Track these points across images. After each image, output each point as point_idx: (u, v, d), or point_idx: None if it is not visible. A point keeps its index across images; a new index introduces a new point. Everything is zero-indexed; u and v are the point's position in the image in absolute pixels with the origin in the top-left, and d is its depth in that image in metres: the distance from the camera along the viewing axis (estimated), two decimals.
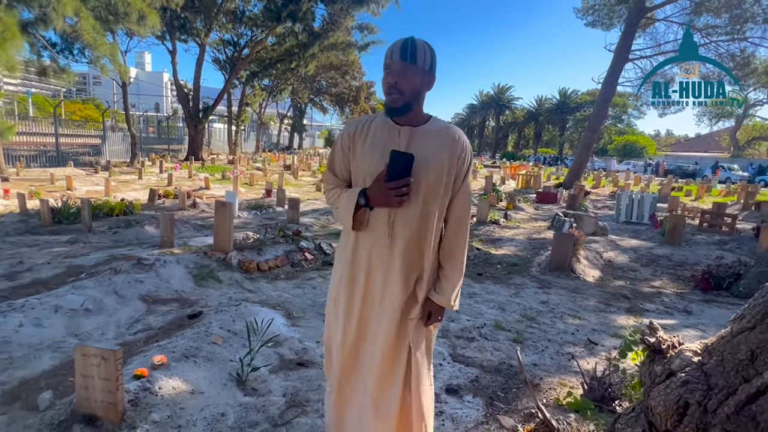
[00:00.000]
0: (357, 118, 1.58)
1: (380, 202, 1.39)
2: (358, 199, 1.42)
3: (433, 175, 1.40)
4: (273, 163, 26.02)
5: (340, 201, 1.49)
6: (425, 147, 1.41)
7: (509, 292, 4.71)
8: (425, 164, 1.39)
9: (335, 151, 1.55)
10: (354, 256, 1.50)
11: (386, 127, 1.45)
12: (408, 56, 1.34)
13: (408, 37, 1.36)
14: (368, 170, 1.43)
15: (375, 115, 1.52)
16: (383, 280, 1.46)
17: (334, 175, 1.58)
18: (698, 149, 48.03)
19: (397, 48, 1.35)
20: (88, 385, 2.01)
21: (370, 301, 1.49)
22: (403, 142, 1.42)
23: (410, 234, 1.42)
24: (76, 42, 13.01)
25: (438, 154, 1.41)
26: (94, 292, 3.43)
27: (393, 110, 1.40)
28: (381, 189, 1.37)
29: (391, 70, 1.36)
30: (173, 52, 23.32)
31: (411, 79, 1.35)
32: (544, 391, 2.61)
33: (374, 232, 1.45)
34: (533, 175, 19.23)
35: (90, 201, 6.83)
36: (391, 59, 1.36)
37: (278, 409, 2.30)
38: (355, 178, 1.51)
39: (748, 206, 13.31)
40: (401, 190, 1.34)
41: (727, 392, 1.26)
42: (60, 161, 17.79)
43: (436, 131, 1.45)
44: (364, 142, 1.46)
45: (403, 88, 1.35)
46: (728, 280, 5.14)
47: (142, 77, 52.52)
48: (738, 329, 1.31)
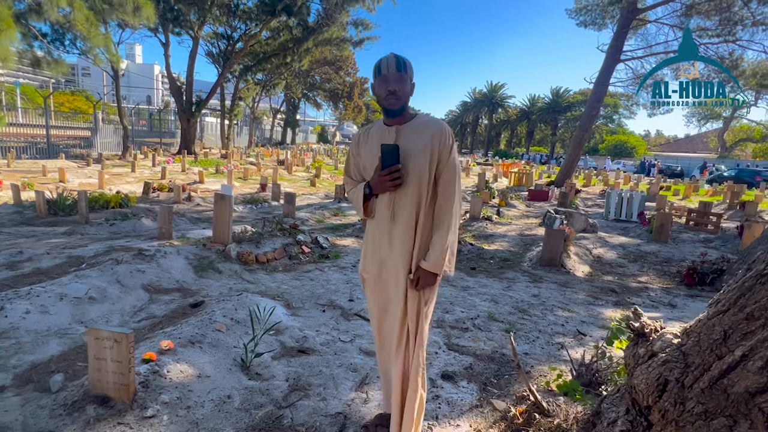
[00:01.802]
0: (361, 129, 1.93)
1: (380, 189, 1.72)
2: (364, 190, 1.76)
3: (419, 159, 1.69)
4: (266, 158, 25.94)
5: (354, 195, 1.84)
6: (409, 138, 1.72)
7: (502, 286, 4.84)
8: (411, 151, 1.69)
9: (348, 157, 1.94)
10: (371, 237, 1.85)
11: (380, 129, 1.79)
12: (402, 69, 1.67)
13: (392, 53, 1.69)
14: (369, 166, 1.78)
15: (373, 124, 1.86)
16: (390, 254, 1.77)
17: (350, 178, 1.93)
18: (687, 149, 48.80)
19: (392, 62, 1.67)
20: (100, 368, 2.10)
21: (386, 270, 1.80)
22: (392, 137, 1.74)
23: (407, 214, 1.72)
24: (69, 32, 12.89)
25: (420, 141, 1.70)
26: (98, 281, 3.50)
27: (392, 112, 1.72)
28: (378, 177, 1.70)
29: (389, 80, 1.67)
30: (166, 45, 23.06)
31: (405, 86, 1.69)
32: (535, 377, 2.74)
33: (380, 215, 1.78)
34: (525, 173, 19.45)
35: (86, 193, 6.84)
36: (387, 71, 1.67)
37: (282, 392, 2.40)
38: (363, 176, 1.87)
39: (733, 206, 13.64)
40: (393, 175, 1.66)
41: (702, 369, 1.38)
42: (51, 153, 17.59)
43: (418, 125, 1.75)
44: (365, 144, 1.82)
45: (400, 93, 1.68)
46: (712, 275, 5.32)
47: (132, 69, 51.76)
48: (713, 312, 1.44)
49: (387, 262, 1.78)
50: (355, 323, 3.49)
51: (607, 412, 1.80)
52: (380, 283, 1.83)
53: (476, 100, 55.63)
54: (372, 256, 1.84)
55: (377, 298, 1.86)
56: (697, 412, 1.34)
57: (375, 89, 1.73)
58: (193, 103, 24.04)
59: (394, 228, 1.74)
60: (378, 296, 1.86)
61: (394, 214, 1.74)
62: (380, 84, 1.69)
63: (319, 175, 17.43)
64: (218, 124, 34.45)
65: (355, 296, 4.09)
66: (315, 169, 18.53)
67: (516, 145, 59.42)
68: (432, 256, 1.70)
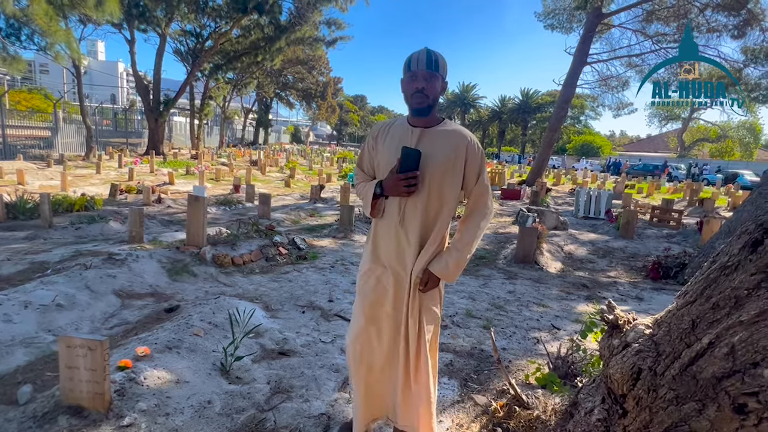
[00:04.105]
0: (381, 122, 1.81)
1: (392, 192, 1.62)
2: (375, 189, 1.66)
3: (439, 169, 1.61)
4: (239, 159, 25.45)
5: (363, 191, 1.74)
6: (433, 145, 1.62)
7: (478, 283, 4.93)
8: (432, 160, 1.60)
9: (363, 150, 1.82)
10: (375, 238, 1.75)
11: (402, 128, 1.68)
12: (433, 66, 1.56)
13: (426, 48, 1.58)
14: (385, 164, 1.68)
15: (395, 119, 1.76)
16: (396, 256, 1.69)
17: (362, 171, 1.83)
18: (649, 149, 50.93)
19: (422, 58, 1.56)
20: (73, 377, 2.02)
21: (386, 275, 1.72)
22: (414, 140, 1.63)
23: (418, 220, 1.64)
24: (26, 27, 12.25)
25: (444, 151, 1.61)
26: (65, 287, 3.35)
27: (419, 111, 1.61)
28: (393, 180, 1.59)
29: (418, 76, 1.57)
30: (131, 42, 22.27)
31: (434, 85, 1.59)
32: (513, 372, 2.81)
33: (389, 217, 1.69)
34: (498, 173, 19.83)
35: (49, 195, 6.53)
36: (417, 67, 1.57)
37: (264, 395, 2.38)
38: (376, 173, 1.77)
39: (693, 202, 14.34)
40: (409, 181, 1.56)
41: (672, 357, 1.46)
42: (7, 154, 16.70)
43: (444, 132, 1.65)
44: (384, 141, 1.71)
45: (428, 92, 1.58)
46: (675, 269, 5.59)
47: (95, 66, 49.72)
48: (682, 303, 1.52)
49: (388, 267, 1.70)
50: (336, 323, 3.48)
51: (584, 402, 1.87)
52: (379, 288, 1.73)
53: (449, 100, 56.24)
54: (374, 258, 1.75)
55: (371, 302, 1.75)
56: (669, 398, 1.41)
57: (403, 85, 1.63)
58: (161, 102, 23.31)
59: (401, 233, 1.66)
60: (372, 301, 1.75)
61: (404, 220, 1.65)
62: (408, 80, 1.59)
63: (294, 176, 17.24)
64: (187, 123, 33.52)
65: (334, 297, 4.08)
66: (289, 170, 18.30)
67: (488, 145, 60.47)
68: (444, 260, 1.66)
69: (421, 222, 1.64)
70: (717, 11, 14.67)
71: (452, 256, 1.67)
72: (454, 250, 1.68)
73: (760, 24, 14.54)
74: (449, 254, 1.68)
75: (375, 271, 1.74)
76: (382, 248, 1.72)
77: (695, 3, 14.96)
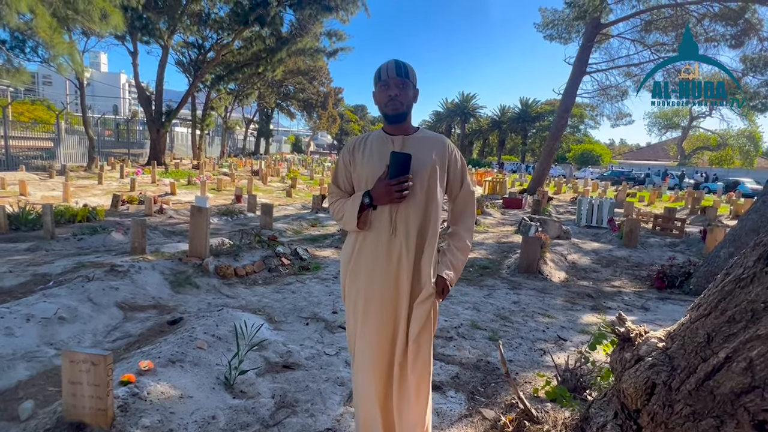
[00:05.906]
0: (355, 137, 1.81)
1: (384, 200, 1.58)
2: (363, 199, 1.60)
3: (427, 172, 1.63)
4: (240, 169, 25.51)
5: (345, 206, 1.68)
6: (418, 150, 1.63)
7: (482, 294, 4.90)
8: (420, 163, 1.61)
9: (338, 166, 1.78)
10: (358, 253, 1.68)
11: (381, 139, 1.69)
12: (402, 73, 1.60)
13: (394, 59, 1.62)
14: (369, 175, 1.64)
15: (370, 133, 1.75)
16: (388, 270, 1.63)
17: (337, 188, 1.78)
18: (649, 158, 51.06)
19: (392, 66, 1.60)
20: (76, 392, 1.99)
21: (378, 290, 1.65)
22: (398, 147, 1.64)
23: (411, 228, 1.62)
24: (30, 40, 12.36)
25: (430, 156, 1.64)
26: (67, 300, 3.33)
27: (396, 117, 1.64)
28: (384, 187, 1.56)
29: (390, 84, 1.60)
30: (134, 54, 22.50)
31: (407, 92, 1.63)
32: (521, 384, 2.77)
33: (378, 228, 1.63)
34: (499, 182, 19.85)
35: (52, 206, 6.52)
36: (387, 76, 1.60)
37: (268, 410, 2.34)
38: (357, 187, 1.71)
39: (695, 211, 14.31)
40: (402, 186, 1.54)
41: (688, 372, 1.43)
42: (10, 165, 16.74)
43: (425, 138, 1.70)
44: (363, 153, 1.69)
45: (402, 99, 1.61)
46: (680, 279, 5.55)
47: (97, 78, 50.15)
48: (696, 316, 1.50)
49: (386, 280, 1.63)
50: (340, 335, 3.45)
51: (596, 416, 1.83)
52: (376, 305, 1.65)
53: (449, 110, 56.56)
54: (366, 273, 1.65)
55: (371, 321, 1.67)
56: (686, 413, 1.38)
57: (375, 97, 1.65)
58: (162, 113, 23.45)
59: (394, 242, 1.61)
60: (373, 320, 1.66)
61: (396, 228, 1.61)
62: (381, 90, 1.62)
63: (295, 186, 17.27)
64: (189, 134, 33.68)
65: (338, 308, 4.05)
66: (291, 180, 18.33)
67: (488, 154, 60.64)
68: (456, 267, 1.69)
69: (413, 228, 1.62)
70: (715, 21, 14.79)
71: (457, 258, 1.70)
72: (455, 252, 1.71)
73: (758, 33, 14.65)
74: (453, 257, 1.70)
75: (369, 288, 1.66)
76: (369, 264, 1.64)
77: (693, 13, 15.09)
